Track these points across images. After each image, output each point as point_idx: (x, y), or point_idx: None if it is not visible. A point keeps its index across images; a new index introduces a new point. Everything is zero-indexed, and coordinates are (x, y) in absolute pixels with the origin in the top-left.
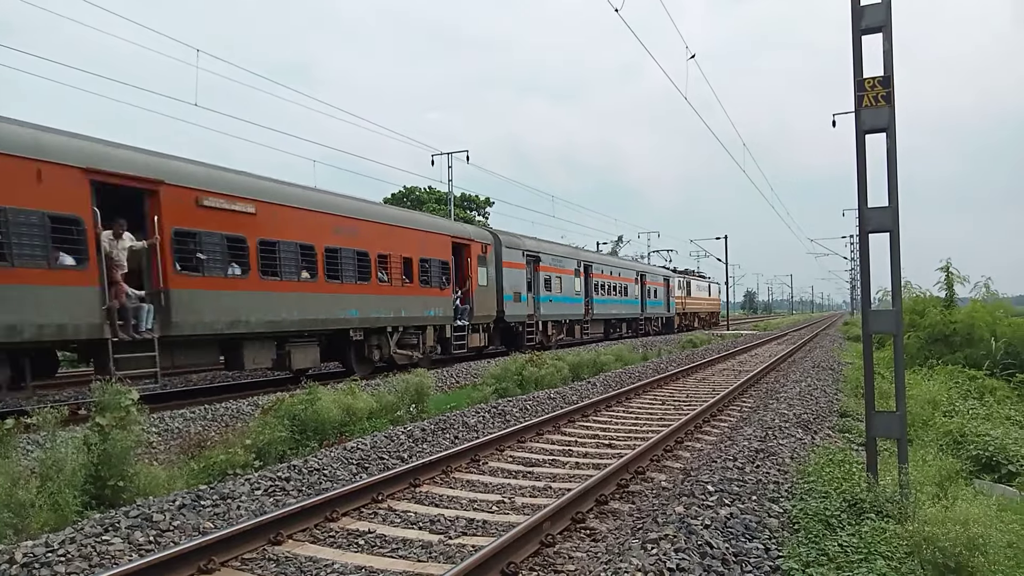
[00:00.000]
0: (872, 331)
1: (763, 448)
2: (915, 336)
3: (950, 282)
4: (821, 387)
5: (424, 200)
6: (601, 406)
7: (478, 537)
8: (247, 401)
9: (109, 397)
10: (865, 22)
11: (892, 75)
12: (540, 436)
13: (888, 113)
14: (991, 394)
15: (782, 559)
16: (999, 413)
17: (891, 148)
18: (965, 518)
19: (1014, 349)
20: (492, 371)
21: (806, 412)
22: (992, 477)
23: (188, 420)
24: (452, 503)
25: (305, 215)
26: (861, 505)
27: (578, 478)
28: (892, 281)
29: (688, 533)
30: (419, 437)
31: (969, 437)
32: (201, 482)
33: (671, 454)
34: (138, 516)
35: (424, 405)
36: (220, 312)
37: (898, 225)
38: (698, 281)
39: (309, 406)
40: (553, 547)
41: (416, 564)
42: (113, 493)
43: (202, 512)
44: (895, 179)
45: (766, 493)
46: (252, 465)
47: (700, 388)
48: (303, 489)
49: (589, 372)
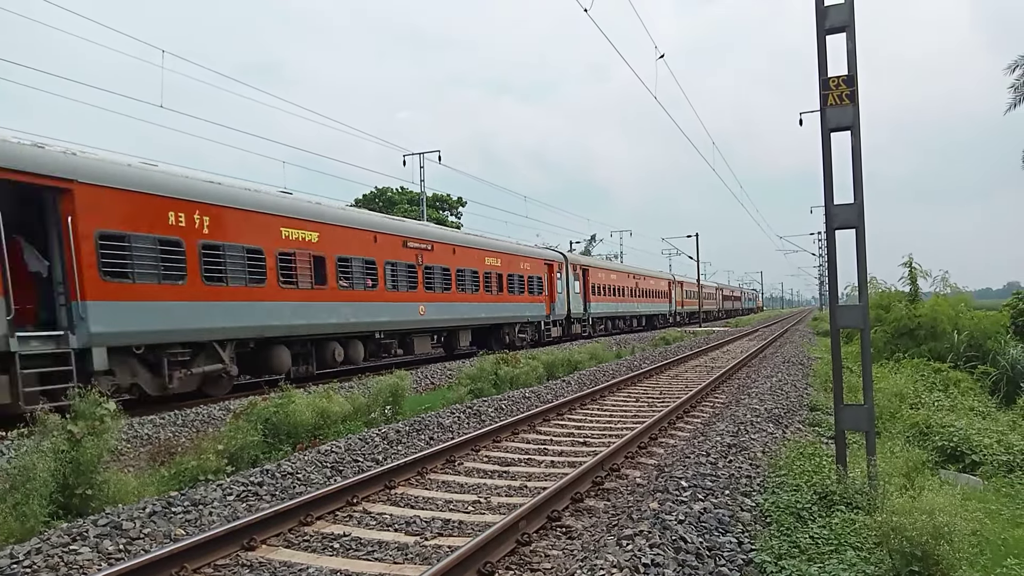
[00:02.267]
0: (840, 326)
1: (735, 443)
2: (881, 330)
3: (913, 276)
4: (791, 382)
5: (396, 201)
6: (576, 404)
7: (454, 538)
8: (219, 406)
9: (86, 406)
10: (829, 22)
11: (856, 74)
12: (516, 435)
13: (852, 111)
14: (955, 386)
15: (755, 552)
16: (963, 404)
17: (856, 146)
18: (931, 508)
19: (976, 341)
20: (467, 371)
21: (777, 407)
22: (957, 467)
23: (158, 426)
24: (428, 504)
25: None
26: (831, 497)
27: (554, 476)
28: (859, 276)
29: (662, 529)
30: (394, 439)
31: (934, 428)
32: (172, 489)
33: (645, 451)
34: (107, 524)
35: (399, 407)
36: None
37: (864, 221)
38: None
39: (281, 409)
40: (529, 546)
41: (392, 566)
42: (81, 502)
43: (173, 519)
44: (860, 176)
45: (739, 487)
46: (224, 471)
47: (673, 385)
48: (276, 494)
49: (564, 371)
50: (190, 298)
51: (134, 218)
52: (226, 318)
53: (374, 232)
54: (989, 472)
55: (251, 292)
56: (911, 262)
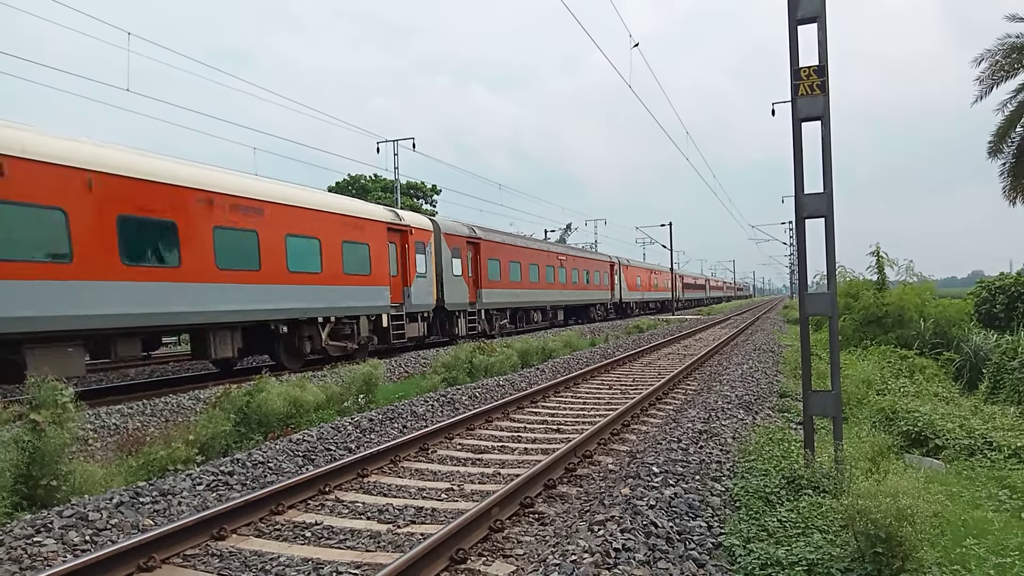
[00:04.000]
0: (809, 314)
1: (706, 429)
2: (850, 318)
3: (881, 265)
4: (762, 369)
5: (370, 188)
6: (550, 392)
7: (427, 525)
8: (188, 395)
9: (45, 393)
10: (801, 12)
11: (827, 64)
12: (489, 423)
13: (823, 101)
14: (920, 372)
15: (724, 536)
16: (927, 390)
17: (826, 136)
18: (895, 491)
19: (941, 329)
20: (442, 359)
21: (748, 393)
22: (921, 451)
23: (126, 416)
24: (401, 492)
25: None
26: (799, 481)
27: (527, 463)
28: (827, 265)
29: (634, 514)
30: (367, 427)
31: (900, 414)
32: (140, 479)
33: (618, 437)
34: (72, 516)
35: (372, 395)
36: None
37: (833, 211)
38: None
39: (253, 398)
40: (502, 532)
41: (364, 554)
42: (46, 493)
43: (141, 509)
44: (830, 166)
45: (709, 472)
46: (194, 460)
47: (646, 372)
48: (247, 483)
49: (538, 359)
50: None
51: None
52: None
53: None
54: (951, 456)
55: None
56: (878, 251)
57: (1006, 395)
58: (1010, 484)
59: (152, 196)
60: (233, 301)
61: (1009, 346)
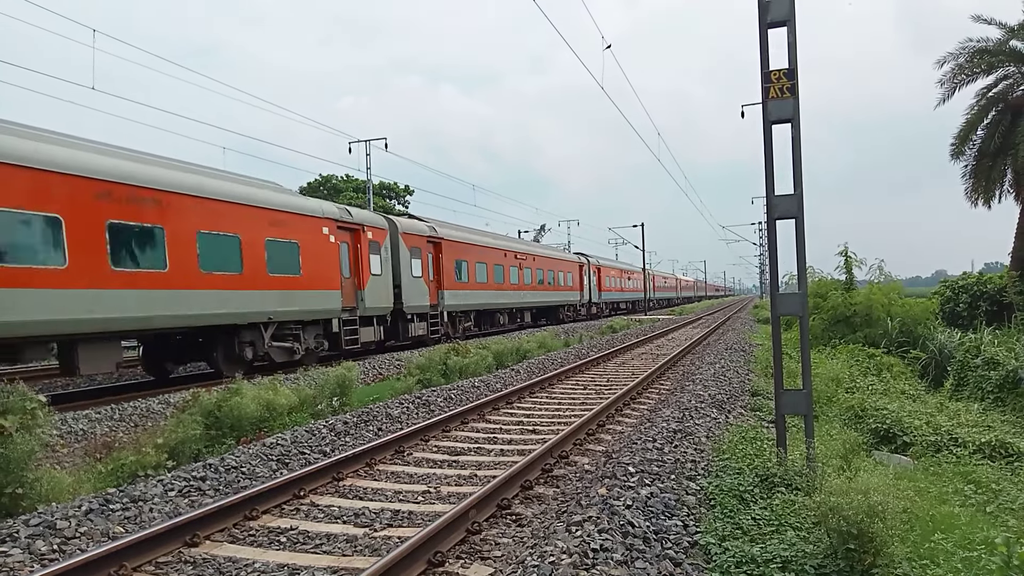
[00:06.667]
0: (780, 313)
1: (680, 428)
2: (819, 318)
3: (849, 265)
4: (734, 368)
5: (342, 188)
6: (525, 393)
7: (404, 528)
8: (157, 399)
9: (14, 399)
10: (770, 16)
11: (796, 67)
12: (465, 425)
13: (793, 104)
14: (888, 370)
15: (700, 534)
16: (895, 388)
17: (796, 138)
18: (866, 488)
19: (908, 328)
20: (417, 361)
21: (720, 393)
22: (889, 448)
23: (93, 421)
24: (377, 495)
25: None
26: (772, 479)
27: (503, 465)
28: (798, 265)
29: (611, 514)
30: (341, 430)
31: (869, 411)
32: (110, 485)
33: (593, 437)
34: (40, 524)
35: (347, 398)
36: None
37: (803, 212)
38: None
39: (225, 402)
40: (480, 534)
41: (341, 559)
42: (11, 501)
43: (111, 517)
44: (800, 168)
45: (684, 472)
46: (164, 466)
47: (620, 372)
48: (220, 488)
49: (513, 360)
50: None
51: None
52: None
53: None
54: (919, 452)
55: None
56: (847, 251)
57: (970, 392)
58: (975, 479)
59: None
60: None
61: (972, 344)
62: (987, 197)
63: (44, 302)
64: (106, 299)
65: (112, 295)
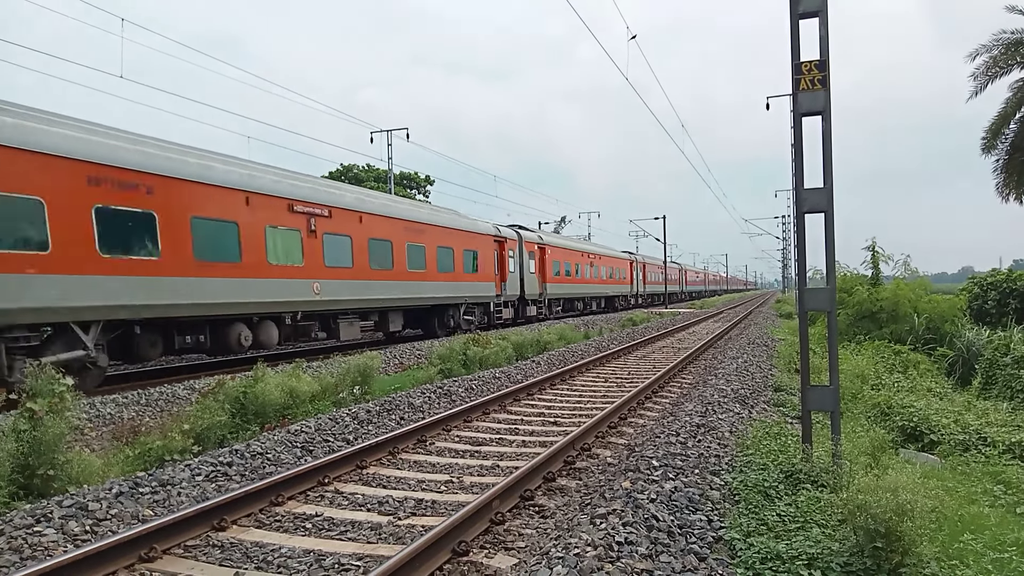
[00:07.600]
0: (808, 309)
1: (704, 423)
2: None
3: (876, 261)
4: (756, 363)
5: (363, 178)
6: (546, 384)
7: (428, 517)
8: (182, 385)
9: (42, 383)
10: (802, 7)
11: (828, 59)
12: (486, 415)
13: (824, 96)
14: (915, 368)
15: (724, 530)
16: (921, 385)
17: (826, 131)
18: (895, 486)
19: (934, 324)
20: (437, 351)
21: (743, 387)
22: (916, 446)
23: (120, 405)
24: (400, 484)
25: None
26: (797, 476)
27: (525, 456)
28: (827, 260)
29: (635, 507)
30: (364, 419)
31: (895, 409)
32: (138, 469)
33: (615, 430)
34: (72, 505)
35: (368, 387)
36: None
37: (833, 206)
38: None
39: (250, 388)
40: (503, 525)
41: (366, 546)
42: (43, 483)
43: (141, 500)
44: (830, 161)
45: (708, 466)
46: (191, 451)
47: (641, 366)
48: (246, 474)
49: (533, 351)
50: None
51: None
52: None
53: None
54: (946, 451)
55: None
56: (874, 246)
57: (999, 391)
58: (1005, 480)
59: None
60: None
61: (1001, 342)
62: (1019, 192)
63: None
64: (395, 288)
65: (390, 286)
